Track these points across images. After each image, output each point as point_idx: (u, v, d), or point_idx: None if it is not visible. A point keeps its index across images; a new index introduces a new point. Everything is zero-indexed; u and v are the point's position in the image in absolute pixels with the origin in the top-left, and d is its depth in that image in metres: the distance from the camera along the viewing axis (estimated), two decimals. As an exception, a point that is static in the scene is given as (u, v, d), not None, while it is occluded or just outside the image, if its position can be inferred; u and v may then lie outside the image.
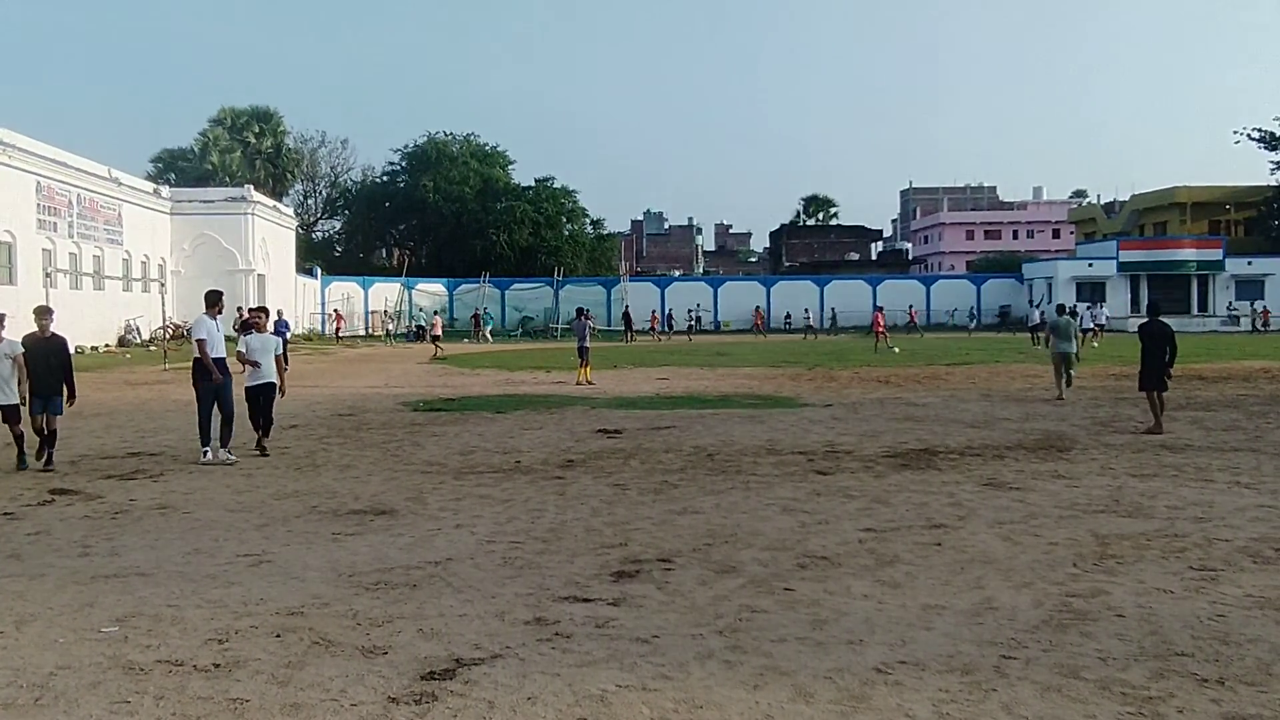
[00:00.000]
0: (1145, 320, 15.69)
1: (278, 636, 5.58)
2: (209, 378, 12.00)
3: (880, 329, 41.06)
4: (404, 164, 79.07)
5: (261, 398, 12.77)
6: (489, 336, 56.09)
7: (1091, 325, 43.28)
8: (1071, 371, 19.64)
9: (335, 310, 58.11)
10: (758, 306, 65.28)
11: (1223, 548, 7.49)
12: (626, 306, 59.14)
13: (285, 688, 4.81)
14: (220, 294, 12.60)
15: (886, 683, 4.86)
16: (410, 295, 64.83)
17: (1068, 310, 23.01)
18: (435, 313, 53.52)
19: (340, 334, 54.22)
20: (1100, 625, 5.70)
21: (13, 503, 9.60)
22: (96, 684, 4.88)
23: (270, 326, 15.33)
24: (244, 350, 12.72)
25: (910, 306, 61.93)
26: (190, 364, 12.66)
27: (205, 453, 11.91)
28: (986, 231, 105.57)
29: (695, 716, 4.50)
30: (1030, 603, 6.15)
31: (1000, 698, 4.67)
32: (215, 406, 12.01)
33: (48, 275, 28.39)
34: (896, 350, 37.38)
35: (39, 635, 5.64)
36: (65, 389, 11.90)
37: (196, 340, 12.11)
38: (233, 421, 12.14)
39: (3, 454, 12.34)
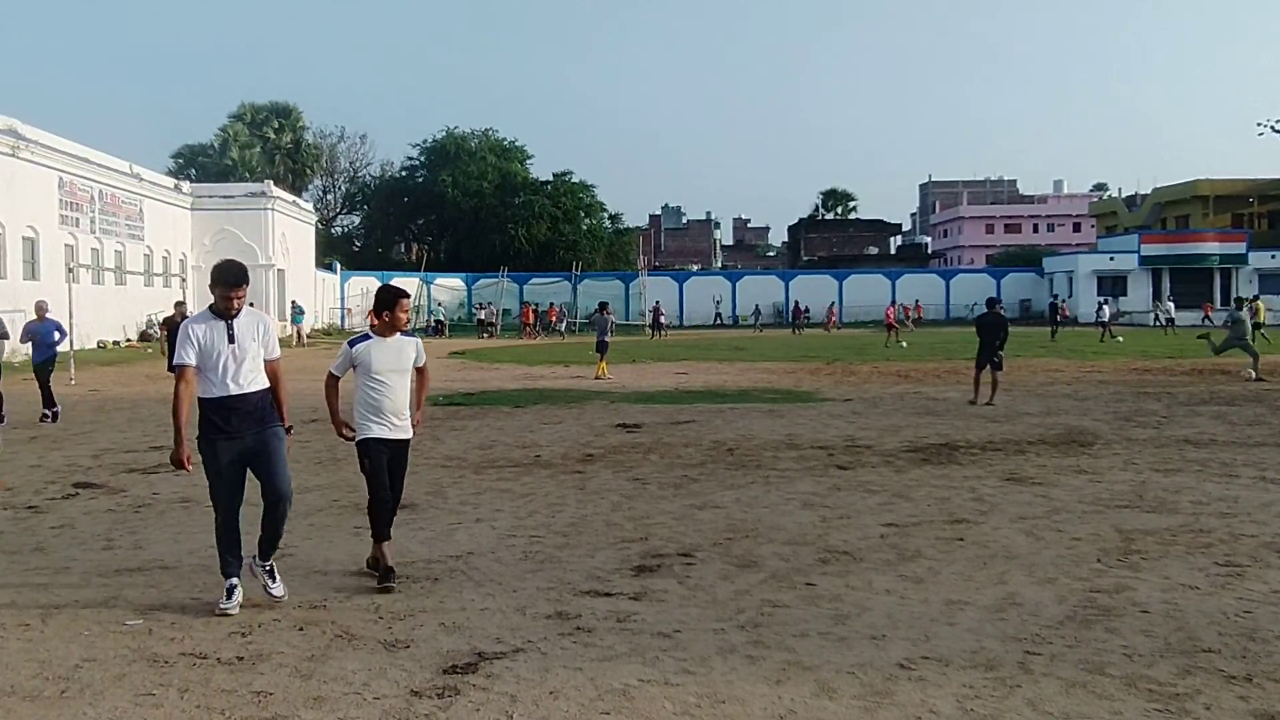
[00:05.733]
0: (984, 312, 18.21)
1: (300, 630, 5.60)
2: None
3: (891, 322, 41.56)
4: (422, 159, 79.25)
5: (391, 463, 6.72)
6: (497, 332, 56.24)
7: (1105, 320, 43.10)
8: (1251, 355, 22.12)
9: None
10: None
11: (1248, 543, 7.42)
12: (657, 302, 59.05)
13: (308, 681, 4.83)
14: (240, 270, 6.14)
15: (910, 678, 4.83)
16: (429, 290, 64.99)
17: (1244, 302, 25.80)
18: (176, 303, 52.29)
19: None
20: (1125, 621, 5.65)
21: (37, 496, 9.68)
22: (121, 676, 4.91)
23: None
24: (368, 373, 6.63)
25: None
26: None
27: (232, 588, 6.03)
28: (1006, 225, 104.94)
29: (718, 711, 4.48)
30: (1054, 598, 6.11)
31: (1025, 694, 4.63)
32: (241, 488, 6.19)
33: (70, 270, 28.52)
34: (904, 345, 37.32)
35: (64, 628, 5.68)
36: None
37: (272, 361, 6.26)
38: (285, 509, 6.21)
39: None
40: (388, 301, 6.80)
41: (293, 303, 49.03)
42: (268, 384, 6.20)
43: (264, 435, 6.11)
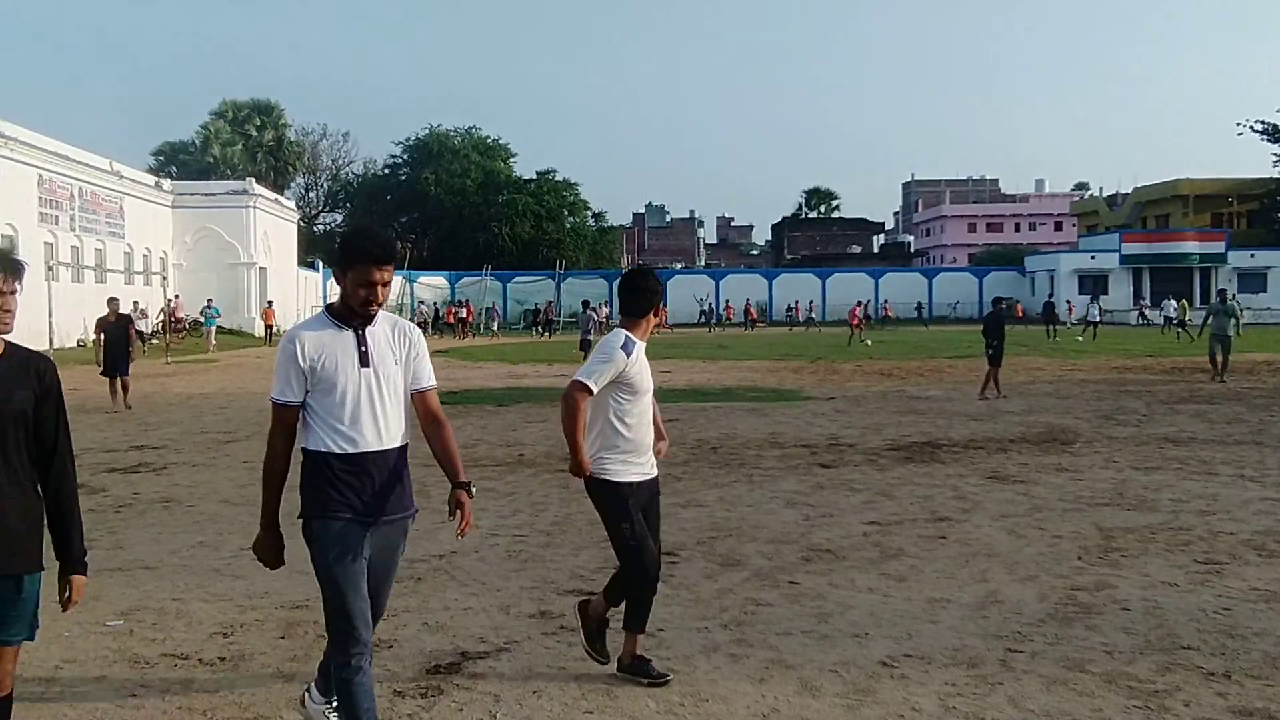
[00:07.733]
0: (990, 312, 19.39)
1: (282, 633, 5.57)
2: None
3: (856, 322, 41.50)
4: (405, 157, 79.07)
5: (647, 514, 4.94)
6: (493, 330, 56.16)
7: (1097, 319, 43.35)
8: (1228, 356, 21.04)
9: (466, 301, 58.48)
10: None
11: (1227, 541, 7.48)
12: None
13: (290, 682, 4.81)
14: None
15: (892, 676, 4.85)
16: (412, 288, 64.80)
17: (1230, 297, 24.20)
18: (109, 299, 52.48)
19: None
20: (1105, 618, 5.69)
21: (17, 496, 9.59)
22: (102, 678, 4.88)
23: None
24: (635, 393, 4.95)
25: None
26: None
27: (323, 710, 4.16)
28: (989, 224, 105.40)
29: (701, 710, 4.49)
30: (1035, 596, 6.14)
31: (1006, 691, 4.66)
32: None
33: (49, 268, 28.36)
34: (868, 343, 37.45)
35: (45, 629, 5.56)
36: None
37: (426, 393, 4.24)
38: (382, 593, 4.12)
39: None
40: (657, 293, 4.91)
41: (208, 301, 40.77)
42: (407, 437, 4.01)
43: (394, 532, 3.95)
